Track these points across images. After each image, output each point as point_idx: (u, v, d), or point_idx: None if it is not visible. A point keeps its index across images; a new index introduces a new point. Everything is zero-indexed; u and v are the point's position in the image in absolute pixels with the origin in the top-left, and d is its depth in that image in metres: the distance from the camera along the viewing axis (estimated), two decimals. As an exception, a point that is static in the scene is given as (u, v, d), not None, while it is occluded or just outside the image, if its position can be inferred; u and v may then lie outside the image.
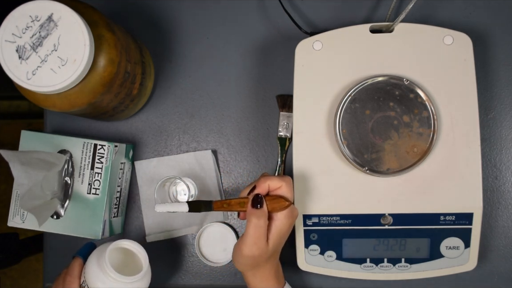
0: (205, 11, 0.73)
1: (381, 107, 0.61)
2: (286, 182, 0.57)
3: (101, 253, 0.59)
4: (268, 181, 0.56)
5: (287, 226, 0.57)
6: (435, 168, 0.62)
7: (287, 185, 0.56)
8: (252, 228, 0.55)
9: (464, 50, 0.63)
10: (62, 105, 0.56)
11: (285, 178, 0.57)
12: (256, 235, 0.55)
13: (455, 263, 0.63)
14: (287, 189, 0.56)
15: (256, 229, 0.55)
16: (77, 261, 0.62)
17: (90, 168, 0.66)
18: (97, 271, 0.58)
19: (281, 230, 0.56)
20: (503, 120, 0.70)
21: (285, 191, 0.56)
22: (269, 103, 0.72)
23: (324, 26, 0.72)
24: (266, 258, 0.57)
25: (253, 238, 0.55)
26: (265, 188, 0.56)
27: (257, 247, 0.55)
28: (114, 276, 0.57)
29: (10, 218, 0.67)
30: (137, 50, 0.65)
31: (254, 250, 0.55)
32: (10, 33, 0.53)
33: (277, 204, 0.56)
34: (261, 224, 0.55)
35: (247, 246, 0.55)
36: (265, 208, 0.55)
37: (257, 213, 0.55)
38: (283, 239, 0.58)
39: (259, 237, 0.55)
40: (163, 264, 0.73)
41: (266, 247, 0.56)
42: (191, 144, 0.73)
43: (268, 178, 0.56)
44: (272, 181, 0.56)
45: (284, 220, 0.56)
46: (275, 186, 0.56)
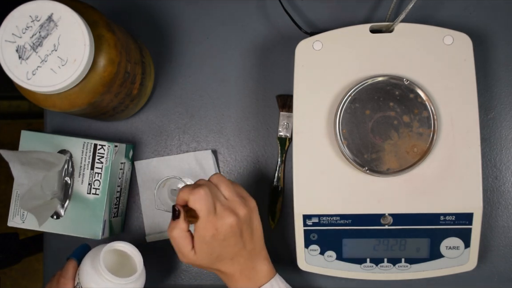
0: (205, 11, 0.73)
1: (381, 107, 0.61)
2: (193, 194, 0.54)
3: (95, 255, 0.59)
4: (181, 194, 0.56)
5: (207, 237, 0.55)
6: (435, 168, 0.62)
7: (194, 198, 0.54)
8: (171, 239, 0.57)
9: (464, 50, 0.63)
10: (62, 105, 0.56)
11: (194, 191, 0.54)
12: (175, 245, 0.57)
13: (455, 263, 0.63)
14: (194, 202, 0.55)
15: (171, 239, 0.56)
16: (71, 263, 0.62)
17: (90, 168, 0.66)
18: (91, 273, 0.58)
19: (202, 239, 0.56)
20: (503, 120, 0.70)
21: (192, 204, 0.55)
22: (269, 103, 0.72)
23: (324, 26, 0.72)
24: (208, 264, 0.57)
25: (176, 247, 0.57)
26: (180, 200, 0.56)
27: (182, 255, 0.57)
28: (108, 278, 0.57)
29: (10, 218, 0.67)
30: (137, 50, 0.65)
31: (182, 258, 0.57)
32: (10, 33, 0.53)
33: (189, 216, 0.55)
34: (173, 235, 0.56)
35: (178, 255, 0.58)
36: (181, 219, 0.55)
37: (171, 225, 0.56)
38: (217, 247, 0.56)
39: (178, 246, 0.56)
40: (163, 264, 0.73)
41: (193, 255, 0.56)
42: (191, 144, 0.73)
43: (182, 189, 0.56)
44: (183, 193, 0.56)
45: (201, 231, 0.55)
46: (184, 199, 0.56)
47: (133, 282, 0.59)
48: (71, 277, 0.61)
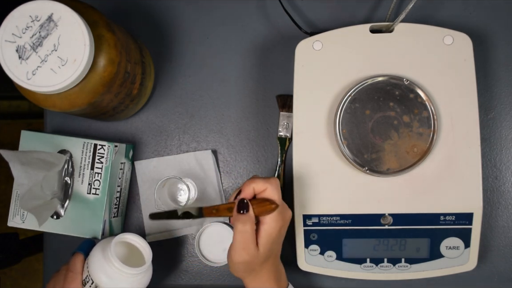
0: (205, 11, 0.73)
1: (381, 107, 0.61)
2: (271, 184, 0.55)
3: (106, 245, 0.59)
4: (252, 184, 0.55)
5: (277, 229, 0.55)
6: (435, 168, 0.62)
7: (272, 187, 0.55)
8: (239, 234, 0.54)
9: (464, 50, 0.63)
10: (62, 105, 0.56)
11: (270, 180, 0.55)
12: (243, 241, 0.54)
13: (455, 263, 0.63)
14: (273, 191, 0.55)
15: (242, 235, 0.54)
16: (79, 256, 0.61)
17: (90, 168, 0.66)
18: (102, 263, 0.58)
19: (271, 233, 0.55)
20: (503, 120, 0.70)
21: (270, 193, 0.55)
22: (269, 103, 0.72)
23: (324, 26, 0.72)
24: (260, 262, 0.56)
25: (241, 244, 0.54)
26: (250, 192, 0.55)
27: (247, 253, 0.54)
28: (119, 267, 0.57)
29: (10, 218, 0.67)
30: (137, 50, 0.65)
31: (244, 255, 0.54)
32: (10, 33, 0.53)
33: (263, 207, 0.54)
34: (246, 230, 0.54)
35: (237, 253, 0.55)
36: (251, 212, 0.54)
37: (242, 219, 0.54)
38: (276, 242, 0.56)
39: (246, 242, 0.54)
40: (163, 264, 0.73)
41: (256, 252, 0.55)
42: (191, 144, 0.73)
43: (253, 181, 0.55)
44: (257, 184, 0.55)
45: (273, 224, 0.55)
46: (260, 189, 0.55)
47: (142, 272, 0.59)
48: (80, 271, 0.60)
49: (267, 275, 0.58)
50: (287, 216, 0.56)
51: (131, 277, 0.58)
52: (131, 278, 0.58)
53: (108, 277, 0.57)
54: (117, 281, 0.58)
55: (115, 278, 0.58)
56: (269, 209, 0.54)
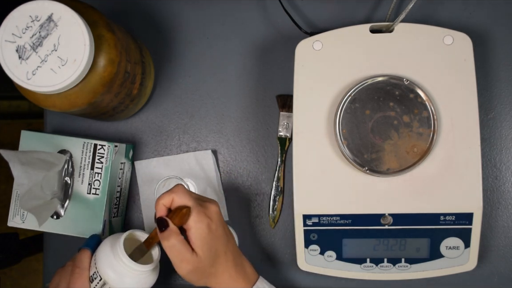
0: (205, 11, 0.73)
1: (381, 107, 0.61)
2: (175, 192, 0.55)
3: (114, 241, 0.59)
4: (160, 201, 0.55)
5: (204, 229, 0.55)
6: (435, 168, 0.62)
7: (178, 194, 0.55)
8: (169, 250, 0.54)
9: (464, 50, 0.63)
10: (62, 105, 0.56)
11: (173, 189, 0.56)
12: (176, 254, 0.54)
13: (455, 263, 0.63)
14: (180, 197, 0.55)
15: (171, 249, 0.54)
16: (86, 252, 0.60)
17: (90, 168, 0.66)
18: (110, 258, 0.57)
19: (200, 234, 0.55)
20: (503, 120, 0.70)
21: (178, 201, 0.55)
22: (269, 103, 0.72)
23: (324, 26, 0.72)
24: (209, 265, 0.56)
25: (176, 257, 0.55)
26: (162, 208, 0.55)
27: (186, 262, 0.55)
28: (127, 263, 0.56)
29: (10, 218, 0.67)
30: (137, 50, 0.65)
31: (185, 266, 0.55)
32: (10, 33, 0.53)
33: (178, 216, 0.55)
34: (172, 243, 0.54)
35: (179, 267, 0.55)
36: (171, 226, 0.54)
37: (164, 235, 0.54)
38: (213, 240, 0.56)
39: (179, 254, 0.54)
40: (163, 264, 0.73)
41: (196, 257, 0.55)
42: (191, 144, 0.73)
43: (160, 198, 0.55)
44: (163, 198, 0.55)
45: (197, 225, 0.55)
46: (169, 201, 0.55)
47: (150, 270, 0.59)
48: (87, 267, 0.59)
49: (227, 273, 0.58)
50: (211, 212, 0.56)
51: (139, 274, 0.58)
52: (139, 275, 0.58)
53: (116, 273, 0.57)
54: (125, 277, 0.57)
55: (123, 275, 0.57)
56: (183, 214, 0.55)
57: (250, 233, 0.72)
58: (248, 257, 0.61)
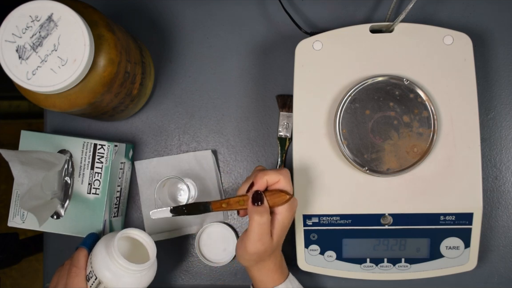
0: (205, 11, 0.73)
1: (381, 107, 0.61)
2: (284, 175, 0.56)
3: (109, 241, 0.59)
4: (265, 176, 0.55)
5: (289, 219, 0.57)
6: (435, 168, 0.62)
7: (285, 178, 0.56)
8: (256, 226, 0.54)
9: (464, 50, 0.63)
10: (62, 105, 0.56)
11: (282, 171, 0.56)
12: (261, 232, 0.55)
13: (455, 263, 0.63)
14: (286, 182, 0.56)
15: (259, 226, 0.54)
16: (82, 251, 0.60)
17: (90, 168, 0.66)
18: (105, 259, 0.57)
19: (284, 223, 0.56)
20: (503, 120, 0.70)
21: (283, 184, 0.56)
22: (269, 103, 0.72)
23: (324, 26, 0.72)
24: (271, 252, 0.57)
25: (258, 235, 0.55)
26: (263, 183, 0.56)
27: (262, 243, 0.55)
28: (122, 263, 0.56)
29: (10, 218, 0.67)
30: (137, 50, 0.65)
31: (259, 246, 0.55)
32: (10, 33, 0.53)
33: (277, 198, 0.55)
34: (264, 221, 0.54)
35: (252, 243, 0.55)
36: (266, 204, 0.55)
37: (259, 210, 0.54)
38: (286, 231, 0.58)
39: (263, 233, 0.55)
40: (163, 264, 0.73)
41: (270, 242, 0.56)
42: (191, 144, 0.73)
43: (265, 173, 0.56)
44: (270, 176, 0.55)
45: (286, 213, 0.56)
46: (273, 181, 0.56)
47: (146, 269, 0.59)
48: (83, 266, 0.59)
49: (273, 264, 0.59)
50: (296, 205, 0.58)
51: (136, 273, 0.58)
52: (135, 274, 0.58)
53: (111, 273, 0.57)
54: (121, 277, 0.57)
55: (118, 274, 0.57)
56: (283, 200, 0.55)
57: (250, 233, 0.72)
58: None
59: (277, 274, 0.60)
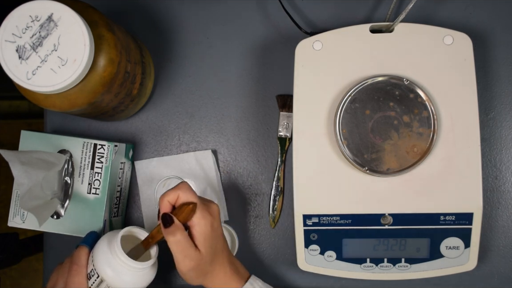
0: (205, 11, 0.73)
1: (381, 107, 0.61)
2: (181, 188, 0.56)
3: (112, 238, 0.59)
4: (165, 198, 0.56)
5: (208, 226, 0.56)
6: (435, 168, 0.62)
7: (183, 191, 0.56)
8: (174, 246, 0.55)
9: (464, 50, 0.63)
10: (62, 105, 0.56)
11: (179, 186, 0.56)
12: (181, 250, 0.55)
13: (455, 263, 0.63)
14: (185, 194, 0.56)
15: (176, 245, 0.55)
16: (83, 249, 0.60)
17: (90, 168, 0.66)
18: (107, 255, 0.57)
19: (204, 231, 0.56)
20: (503, 120, 0.70)
21: (184, 197, 0.56)
22: (269, 103, 0.72)
23: (324, 26, 0.72)
24: (209, 262, 0.57)
25: (181, 253, 0.55)
26: (167, 205, 0.56)
27: (190, 259, 0.55)
28: (125, 260, 0.56)
29: (11, 218, 0.67)
30: (137, 50, 0.65)
31: (188, 263, 0.55)
32: (10, 33, 0.53)
33: (184, 212, 0.55)
34: (178, 239, 0.54)
35: (180, 263, 0.56)
36: (176, 222, 0.55)
37: (170, 230, 0.55)
38: (214, 238, 0.57)
39: (183, 250, 0.55)
40: (163, 264, 0.73)
41: (199, 254, 0.56)
42: (191, 144, 0.73)
43: (165, 195, 0.56)
44: (169, 195, 0.56)
45: (202, 221, 0.55)
46: (174, 198, 0.56)
47: (148, 267, 0.59)
48: (84, 264, 0.58)
49: (223, 271, 0.59)
50: (213, 211, 0.57)
51: (137, 272, 0.58)
52: (136, 272, 0.58)
53: (113, 271, 0.57)
54: (122, 275, 0.57)
55: (120, 272, 0.57)
56: (189, 210, 0.55)
57: (250, 233, 0.72)
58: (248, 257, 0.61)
59: (233, 281, 0.59)
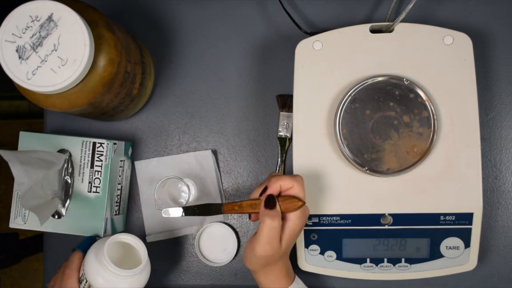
0: (205, 11, 0.73)
1: (381, 107, 0.61)
2: (298, 181, 0.56)
3: (99, 247, 0.59)
4: (279, 181, 0.56)
5: (299, 226, 0.56)
6: (435, 168, 0.62)
7: (299, 185, 0.56)
8: (266, 229, 0.54)
9: (464, 50, 0.63)
10: (62, 105, 0.56)
11: (297, 178, 0.56)
12: (271, 236, 0.55)
13: (455, 263, 0.63)
14: (299, 188, 0.56)
15: (270, 230, 0.54)
16: (76, 254, 0.62)
17: (90, 167, 0.66)
18: (95, 265, 0.58)
19: (294, 230, 0.56)
20: (503, 120, 0.70)
21: (297, 190, 0.56)
22: (269, 103, 0.72)
23: (324, 26, 0.72)
24: (279, 257, 0.57)
25: (267, 238, 0.55)
26: (277, 188, 0.56)
27: (271, 247, 0.55)
28: (112, 270, 0.57)
29: (12, 219, 0.67)
30: (137, 50, 0.65)
31: (267, 250, 0.55)
32: (10, 33, 0.53)
33: (290, 204, 0.55)
34: (275, 225, 0.54)
35: (261, 246, 0.55)
36: (278, 208, 0.55)
37: (271, 214, 0.54)
38: (295, 238, 0.58)
39: (273, 237, 0.55)
40: (163, 264, 0.73)
41: (279, 247, 0.56)
42: (191, 144, 0.73)
43: (280, 178, 0.56)
44: (284, 181, 0.56)
45: (297, 221, 0.56)
46: (287, 186, 0.56)
47: (137, 274, 0.59)
48: (76, 268, 0.60)
49: (279, 269, 0.59)
50: (307, 213, 0.58)
51: (128, 278, 0.58)
52: (128, 279, 0.58)
53: (104, 279, 0.58)
54: (114, 283, 0.58)
55: (112, 281, 0.58)
56: (296, 206, 0.55)
57: (250, 233, 0.72)
58: (248, 257, 0.61)
59: (284, 280, 0.60)
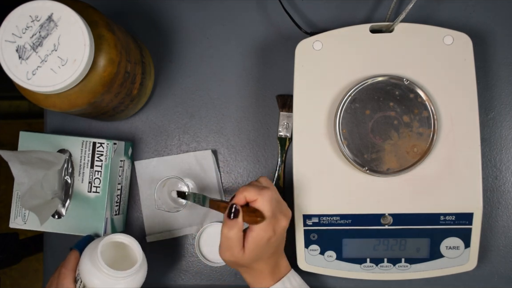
0: (205, 11, 0.73)
1: (381, 107, 0.61)
2: (263, 196, 0.55)
3: (94, 248, 0.59)
4: (244, 193, 0.55)
5: (264, 239, 0.55)
6: (435, 168, 0.62)
7: (263, 199, 0.55)
8: (223, 238, 0.55)
9: (464, 50, 0.63)
10: (62, 105, 0.56)
11: (263, 192, 0.55)
12: (229, 244, 0.55)
13: (455, 263, 0.63)
14: (263, 203, 0.55)
15: (226, 239, 0.55)
16: (73, 254, 0.62)
17: (90, 167, 0.66)
18: (90, 266, 0.58)
19: (258, 242, 0.55)
20: (503, 120, 0.70)
21: (259, 204, 0.55)
22: (269, 103, 0.72)
23: (324, 26, 0.72)
24: (247, 263, 0.57)
25: (226, 246, 0.56)
26: (242, 199, 0.55)
27: (231, 254, 0.56)
28: (106, 271, 0.56)
29: (12, 219, 0.67)
30: (137, 50, 0.65)
31: (228, 256, 0.56)
32: (10, 33, 0.53)
33: (250, 218, 0.55)
34: (231, 236, 0.54)
35: (222, 252, 0.57)
36: (240, 219, 0.54)
37: (229, 224, 0.55)
38: (264, 248, 0.56)
39: (232, 246, 0.55)
40: (163, 264, 0.73)
41: (241, 255, 0.56)
42: (191, 144, 0.73)
43: (246, 189, 0.55)
44: (249, 193, 0.55)
45: (261, 233, 0.55)
46: (251, 199, 0.55)
47: (132, 274, 0.58)
48: (72, 269, 0.60)
49: (259, 270, 0.59)
50: (279, 227, 0.56)
51: (123, 279, 0.58)
52: (123, 279, 0.58)
53: (99, 280, 0.57)
54: (108, 284, 0.57)
55: (106, 282, 0.57)
56: (254, 221, 0.55)
57: (250, 233, 0.72)
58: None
59: (266, 280, 0.59)
